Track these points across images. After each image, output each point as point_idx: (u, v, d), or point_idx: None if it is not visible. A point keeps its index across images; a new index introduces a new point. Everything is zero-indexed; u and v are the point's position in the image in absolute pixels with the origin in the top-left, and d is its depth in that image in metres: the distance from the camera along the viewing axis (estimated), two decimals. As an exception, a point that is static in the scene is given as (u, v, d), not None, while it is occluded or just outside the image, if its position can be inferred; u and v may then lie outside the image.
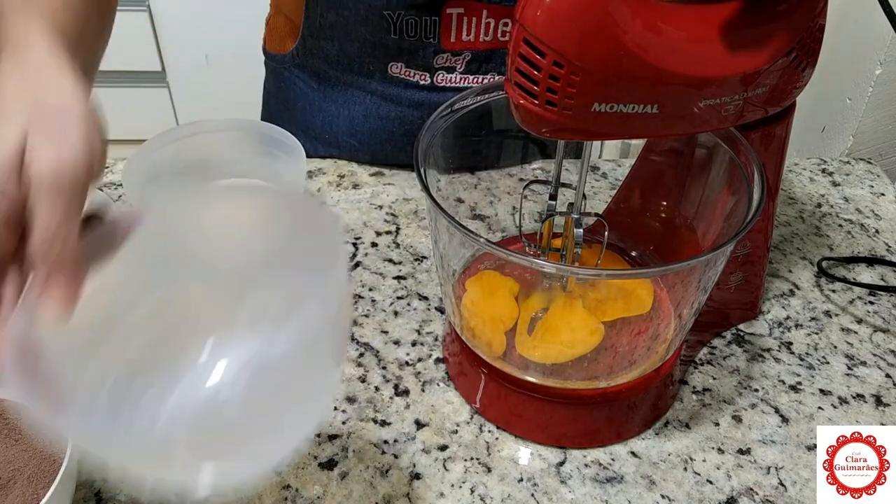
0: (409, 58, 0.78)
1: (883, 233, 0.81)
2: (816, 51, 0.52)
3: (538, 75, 0.44)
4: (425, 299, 0.71)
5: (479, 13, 0.74)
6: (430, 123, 0.58)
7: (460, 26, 0.75)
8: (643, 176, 0.69)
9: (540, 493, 0.56)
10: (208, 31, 1.77)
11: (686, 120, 0.49)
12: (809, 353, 0.67)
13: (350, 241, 0.78)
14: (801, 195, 0.87)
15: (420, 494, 0.56)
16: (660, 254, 0.67)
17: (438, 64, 0.78)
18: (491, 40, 0.76)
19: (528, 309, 0.61)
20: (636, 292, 0.61)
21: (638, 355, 0.58)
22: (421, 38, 0.75)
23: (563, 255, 0.60)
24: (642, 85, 0.45)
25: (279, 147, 0.77)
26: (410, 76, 0.79)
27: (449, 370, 0.64)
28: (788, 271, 0.76)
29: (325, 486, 0.56)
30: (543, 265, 0.51)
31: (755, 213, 0.50)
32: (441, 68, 0.78)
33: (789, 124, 0.59)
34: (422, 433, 0.60)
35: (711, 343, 0.68)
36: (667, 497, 0.56)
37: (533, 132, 0.48)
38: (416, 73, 0.79)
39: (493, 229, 0.77)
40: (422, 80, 0.79)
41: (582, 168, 0.54)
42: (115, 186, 0.84)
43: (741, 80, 0.49)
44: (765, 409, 0.62)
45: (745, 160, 0.55)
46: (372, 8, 0.74)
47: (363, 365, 0.65)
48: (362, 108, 0.84)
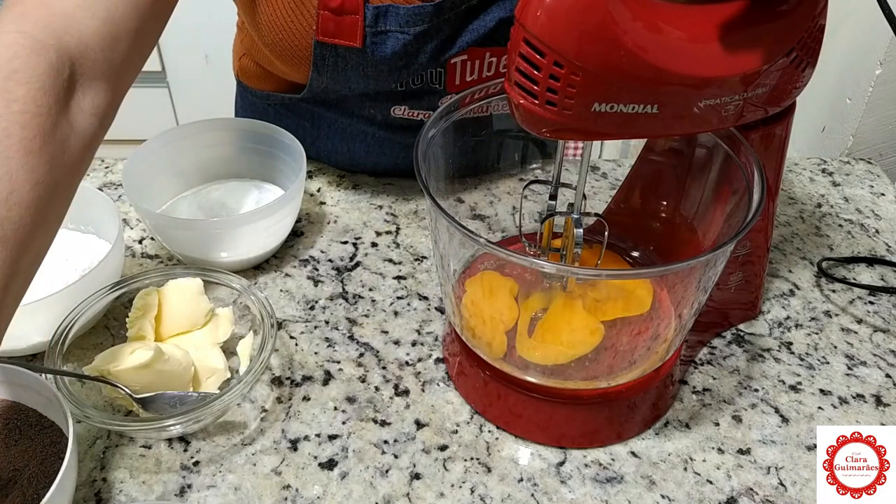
0: (414, 102, 0.77)
1: (883, 233, 0.81)
2: (816, 51, 0.52)
3: (538, 75, 0.44)
4: (425, 299, 0.71)
5: (482, 56, 0.73)
6: (430, 124, 0.58)
7: (464, 71, 0.74)
8: (643, 176, 0.69)
9: (540, 493, 0.56)
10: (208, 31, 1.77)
11: (686, 120, 0.49)
12: (809, 353, 0.67)
13: (350, 241, 0.78)
14: (801, 195, 0.87)
15: (420, 494, 0.56)
16: (660, 254, 0.67)
17: (443, 104, 0.77)
18: (493, 74, 0.75)
19: (528, 309, 0.61)
20: (636, 292, 0.61)
21: (638, 355, 0.58)
22: (426, 84, 0.74)
23: (563, 255, 0.60)
24: (642, 85, 0.45)
25: (279, 147, 0.77)
26: (414, 116, 0.78)
27: (449, 370, 0.64)
28: (788, 271, 0.76)
29: (325, 486, 0.56)
30: (543, 265, 0.51)
31: (755, 213, 0.50)
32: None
33: (789, 124, 0.59)
34: (422, 433, 0.60)
35: (711, 343, 0.68)
36: (667, 497, 0.56)
37: (533, 132, 0.48)
38: (420, 113, 0.78)
39: (493, 229, 0.77)
40: (425, 118, 0.78)
41: (582, 168, 0.54)
42: (115, 186, 0.84)
43: (741, 80, 0.49)
44: (765, 409, 0.62)
45: (745, 160, 0.55)
46: (381, 82, 0.72)
47: (363, 365, 0.65)
48: (363, 146, 0.82)
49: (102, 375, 0.57)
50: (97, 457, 0.57)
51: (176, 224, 0.71)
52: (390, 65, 0.69)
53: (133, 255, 0.76)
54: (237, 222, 0.68)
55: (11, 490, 0.51)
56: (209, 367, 0.61)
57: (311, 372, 0.64)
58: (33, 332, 0.62)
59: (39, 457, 0.52)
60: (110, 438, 0.59)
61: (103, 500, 0.55)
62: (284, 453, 0.58)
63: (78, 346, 0.63)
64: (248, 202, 0.76)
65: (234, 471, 0.57)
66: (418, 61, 0.70)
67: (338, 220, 0.80)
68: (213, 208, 0.76)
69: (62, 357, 0.58)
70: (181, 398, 0.58)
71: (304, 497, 0.55)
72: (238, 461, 0.57)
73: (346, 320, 0.69)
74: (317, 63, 0.70)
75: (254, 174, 0.80)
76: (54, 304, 0.60)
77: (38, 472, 0.51)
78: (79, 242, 0.71)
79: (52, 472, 0.51)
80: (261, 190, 0.79)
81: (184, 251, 0.71)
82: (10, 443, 0.54)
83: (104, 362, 0.57)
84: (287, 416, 0.61)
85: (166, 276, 0.64)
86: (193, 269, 0.65)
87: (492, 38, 0.71)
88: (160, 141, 0.76)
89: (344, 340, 0.67)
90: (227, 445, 0.58)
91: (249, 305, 0.63)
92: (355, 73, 0.70)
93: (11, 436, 0.54)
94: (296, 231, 0.78)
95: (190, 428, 0.58)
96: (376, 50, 0.68)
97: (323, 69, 0.71)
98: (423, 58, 0.70)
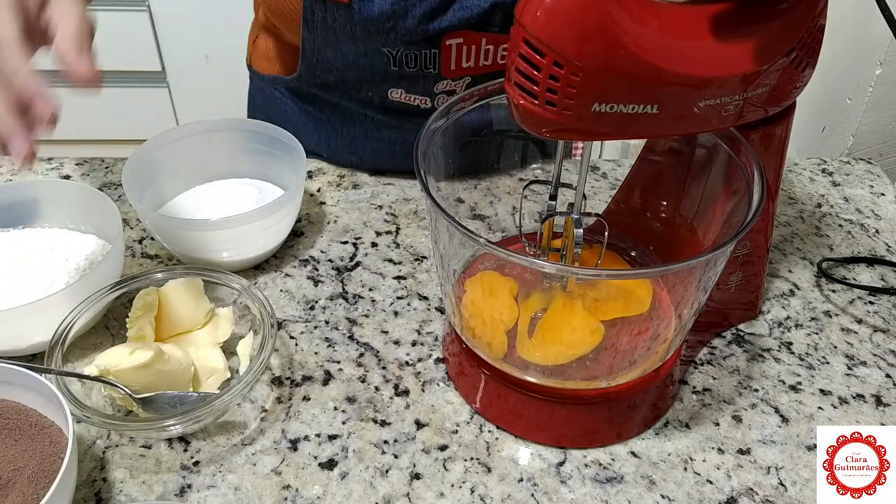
0: (410, 85, 0.78)
1: (883, 233, 0.81)
2: (816, 51, 0.52)
3: (538, 75, 0.44)
4: (425, 299, 0.71)
5: (479, 41, 0.73)
6: (430, 124, 0.58)
7: (460, 55, 0.75)
8: (643, 176, 0.69)
9: (540, 493, 0.56)
10: (208, 31, 1.77)
11: (686, 120, 0.49)
12: (809, 353, 0.67)
13: (350, 241, 0.78)
14: (801, 195, 0.87)
15: (420, 494, 0.56)
16: (660, 254, 0.67)
17: (439, 90, 0.78)
18: (490, 64, 0.75)
19: (527, 309, 0.61)
20: (635, 292, 0.61)
21: (638, 355, 0.58)
22: (421, 68, 0.75)
23: (563, 255, 0.60)
24: (642, 85, 0.45)
25: (279, 147, 0.77)
26: (411, 101, 0.79)
27: (449, 370, 0.64)
28: (788, 271, 0.76)
29: (325, 486, 0.56)
30: (543, 265, 0.51)
31: (755, 213, 0.50)
32: (441, 92, 0.79)
33: (789, 124, 0.59)
34: (422, 433, 0.60)
35: (711, 343, 0.68)
36: (667, 497, 0.56)
37: (533, 132, 0.48)
38: (417, 98, 0.79)
39: (493, 229, 0.77)
40: (423, 104, 0.79)
41: (582, 168, 0.54)
42: (115, 186, 0.84)
43: (741, 80, 0.48)
44: (765, 409, 0.62)
45: (745, 160, 0.55)
46: (370, 45, 0.74)
47: (363, 365, 0.65)
48: (362, 129, 0.84)
49: (102, 375, 0.57)
50: (97, 457, 0.57)
51: (176, 224, 0.71)
52: (377, 25, 0.71)
53: (133, 255, 0.76)
54: (237, 222, 0.68)
55: (11, 490, 0.51)
56: (209, 367, 0.62)
57: (311, 372, 0.64)
58: (33, 332, 0.62)
59: (39, 457, 0.52)
60: (110, 438, 0.59)
61: (103, 500, 0.55)
62: (284, 453, 0.58)
63: (78, 346, 0.63)
64: (248, 202, 0.76)
65: (234, 471, 0.57)
66: (406, 25, 0.71)
67: (338, 220, 0.80)
68: (213, 208, 0.76)
69: (62, 357, 0.58)
70: (181, 398, 0.58)
71: (304, 497, 0.55)
72: (238, 461, 0.57)
73: (346, 320, 0.69)
74: (307, 19, 0.73)
75: (254, 174, 0.80)
76: (54, 304, 0.60)
77: (38, 472, 0.51)
78: (79, 242, 0.71)
79: (52, 472, 0.51)
80: (261, 190, 0.79)
81: (184, 251, 0.71)
82: (10, 443, 0.54)
83: (104, 362, 0.57)
84: (287, 416, 0.61)
85: (166, 276, 0.64)
86: (193, 269, 0.65)
87: (486, 21, 0.72)
88: (160, 141, 0.76)
89: (344, 340, 0.67)
90: (227, 445, 0.58)
91: (249, 305, 0.63)
92: (343, 32, 0.72)
93: (11, 436, 0.54)
94: (296, 231, 0.78)
95: (190, 428, 0.58)
96: (363, 8, 0.70)
97: (313, 27, 0.73)
98: (410, 22, 0.71)
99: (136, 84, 1.85)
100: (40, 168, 0.87)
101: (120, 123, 1.78)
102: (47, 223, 0.72)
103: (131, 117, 1.77)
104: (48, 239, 0.71)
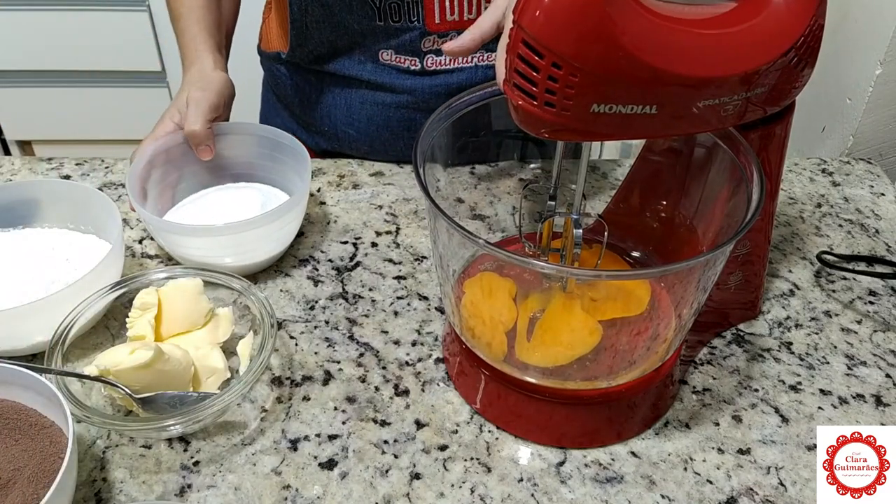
0: (398, 43, 0.80)
1: (883, 233, 0.81)
2: (816, 51, 0.52)
3: (537, 76, 0.44)
4: (425, 299, 0.71)
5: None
6: (430, 124, 0.58)
7: (443, 5, 0.77)
8: (643, 176, 0.69)
9: (540, 493, 0.56)
10: (208, 32, 1.77)
11: (685, 120, 0.49)
12: (809, 353, 0.67)
13: (350, 241, 0.78)
14: (801, 195, 0.87)
15: (420, 494, 0.56)
16: (660, 254, 0.67)
17: (426, 47, 0.80)
18: (475, 17, 0.76)
19: (526, 310, 0.61)
20: (634, 292, 0.61)
21: (638, 355, 0.58)
22: (406, 21, 0.78)
23: (562, 255, 0.60)
24: (641, 85, 0.45)
25: (282, 151, 0.76)
26: (401, 62, 0.82)
27: (449, 370, 0.64)
28: (788, 271, 0.76)
29: (325, 486, 0.56)
30: (543, 266, 0.51)
31: (755, 213, 0.50)
32: (430, 52, 0.81)
33: (789, 124, 0.59)
34: (422, 433, 0.60)
35: (711, 343, 0.68)
36: (667, 497, 0.56)
37: (532, 133, 0.48)
38: (407, 59, 0.82)
39: (493, 229, 0.77)
40: (412, 65, 0.82)
41: (581, 168, 0.54)
42: (116, 186, 0.84)
43: (741, 80, 0.48)
44: (765, 409, 0.62)
45: (744, 160, 0.55)
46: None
47: (363, 365, 0.65)
48: (358, 96, 0.86)
49: (102, 375, 0.57)
50: (97, 457, 0.57)
51: (180, 230, 0.70)
52: None
53: (133, 255, 0.76)
54: (242, 227, 0.67)
55: (11, 490, 0.51)
56: (209, 367, 0.62)
57: (311, 372, 0.64)
58: (33, 332, 0.62)
59: (39, 457, 0.52)
60: (110, 438, 0.59)
61: (103, 500, 0.55)
62: (284, 453, 0.58)
63: (78, 346, 0.63)
64: (251, 207, 0.76)
65: (234, 471, 0.57)
66: None
67: (338, 220, 0.80)
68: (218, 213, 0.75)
69: (62, 357, 0.58)
70: (181, 398, 0.58)
71: (304, 497, 0.55)
72: (238, 461, 0.57)
73: (346, 320, 0.69)
74: None
75: (257, 178, 0.80)
76: (54, 304, 0.60)
77: (38, 472, 0.51)
78: (79, 242, 0.71)
79: (52, 472, 0.51)
80: (264, 194, 0.78)
81: (188, 256, 0.70)
82: (10, 443, 0.54)
83: (104, 362, 0.57)
84: (287, 416, 0.61)
85: (166, 276, 0.64)
86: (193, 269, 0.65)
87: None
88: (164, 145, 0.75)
89: (344, 340, 0.67)
90: (227, 445, 0.58)
91: (249, 305, 0.63)
92: None
93: (11, 436, 0.54)
94: (296, 231, 0.78)
95: (190, 428, 0.58)
96: None
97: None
98: None
99: (136, 84, 1.85)
100: (40, 168, 0.87)
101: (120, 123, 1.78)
102: (47, 223, 0.72)
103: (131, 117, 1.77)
104: (48, 239, 0.71)
